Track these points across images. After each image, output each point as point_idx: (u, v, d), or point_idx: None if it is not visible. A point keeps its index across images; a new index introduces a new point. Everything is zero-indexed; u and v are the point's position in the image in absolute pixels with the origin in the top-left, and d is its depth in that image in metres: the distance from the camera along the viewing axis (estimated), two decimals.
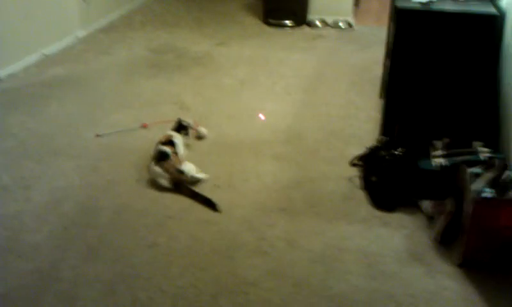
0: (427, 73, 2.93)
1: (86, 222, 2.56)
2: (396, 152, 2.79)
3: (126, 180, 2.91)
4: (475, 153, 2.58)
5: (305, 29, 5.71)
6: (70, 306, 2.05)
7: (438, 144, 2.75)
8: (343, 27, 5.73)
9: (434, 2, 2.94)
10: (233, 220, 2.57)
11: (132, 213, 2.63)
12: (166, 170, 2.79)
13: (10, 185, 2.86)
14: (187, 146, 3.15)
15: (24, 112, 3.73)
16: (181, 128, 3.15)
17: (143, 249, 2.38)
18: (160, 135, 3.06)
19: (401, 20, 2.93)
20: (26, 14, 4.49)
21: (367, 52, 4.95)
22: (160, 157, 2.86)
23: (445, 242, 2.37)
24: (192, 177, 2.83)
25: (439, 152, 2.69)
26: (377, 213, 2.63)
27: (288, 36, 5.47)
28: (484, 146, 2.63)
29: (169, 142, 2.99)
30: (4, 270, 2.25)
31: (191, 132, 3.21)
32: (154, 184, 2.83)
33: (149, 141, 3.17)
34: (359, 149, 3.03)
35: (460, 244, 2.25)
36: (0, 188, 2.83)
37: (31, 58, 4.59)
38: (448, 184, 2.49)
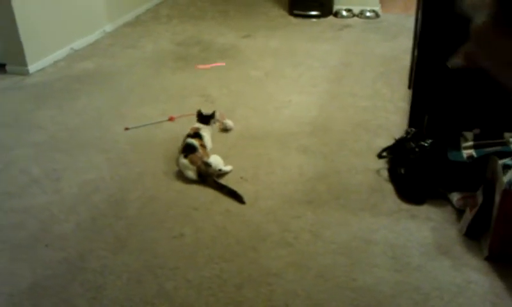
0: None
1: (114, 213, 2.60)
2: (425, 144, 2.74)
3: (154, 172, 2.94)
4: (507, 144, 2.51)
5: (331, 19, 5.65)
6: (97, 295, 2.09)
7: (469, 135, 2.69)
8: (370, 16, 5.65)
9: None
10: (258, 212, 2.57)
11: (159, 205, 2.66)
12: (193, 162, 2.81)
13: (40, 177, 2.92)
14: (212, 137, 3.16)
15: (54, 106, 3.81)
16: (203, 119, 3.14)
17: (169, 239, 2.40)
18: (186, 128, 3.08)
19: (429, 5, 2.86)
20: (55, 10, 4.58)
21: (395, 42, 4.87)
22: (187, 150, 2.88)
23: (473, 235, 2.32)
24: (219, 170, 2.84)
25: (469, 143, 2.63)
26: (405, 205, 2.59)
27: (314, 27, 5.43)
28: None
29: (197, 135, 3.00)
30: (34, 259, 2.30)
31: (217, 124, 3.22)
32: (181, 176, 2.85)
33: (176, 134, 3.20)
34: (387, 141, 2.98)
35: (488, 237, 2.20)
36: (31, 181, 2.89)
37: (60, 53, 4.68)
38: (479, 176, 2.44)
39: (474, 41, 0.36)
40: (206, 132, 3.08)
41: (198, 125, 3.11)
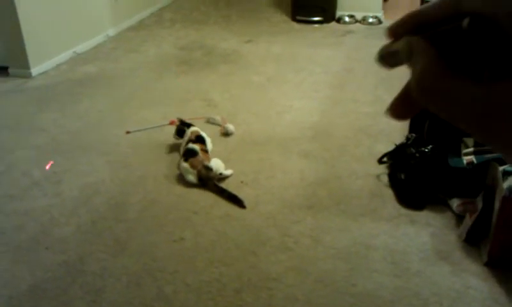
0: None
1: (115, 216, 2.61)
2: (425, 149, 2.74)
3: (155, 176, 2.94)
4: None
5: (334, 25, 5.67)
6: (96, 298, 2.09)
7: (469, 141, 2.69)
8: (372, 22, 5.66)
9: None
10: (258, 217, 2.57)
11: (159, 208, 2.66)
12: (194, 166, 2.82)
13: (41, 180, 2.93)
14: (213, 141, 3.17)
15: (56, 109, 3.82)
16: (184, 126, 3.15)
17: (169, 243, 2.41)
18: (187, 132, 3.09)
19: None
20: (58, 13, 4.60)
21: None
22: (188, 154, 2.88)
23: (472, 240, 2.31)
24: (220, 174, 2.85)
25: (470, 149, 2.63)
26: (405, 211, 2.59)
27: (316, 33, 5.44)
28: None
29: (199, 139, 3.01)
30: (34, 262, 2.31)
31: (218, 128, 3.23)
32: (182, 180, 2.86)
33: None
34: (387, 147, 2.99)
35: (487, 243, 2.20)
36: (32, 183, 2.90)
37: (63, 56, 4.71)
38: (479, 182, 2.43)
39: (416, 87, 0.36)
40: (205, 134, 3.10)
41: (195, 128, 3.11)
